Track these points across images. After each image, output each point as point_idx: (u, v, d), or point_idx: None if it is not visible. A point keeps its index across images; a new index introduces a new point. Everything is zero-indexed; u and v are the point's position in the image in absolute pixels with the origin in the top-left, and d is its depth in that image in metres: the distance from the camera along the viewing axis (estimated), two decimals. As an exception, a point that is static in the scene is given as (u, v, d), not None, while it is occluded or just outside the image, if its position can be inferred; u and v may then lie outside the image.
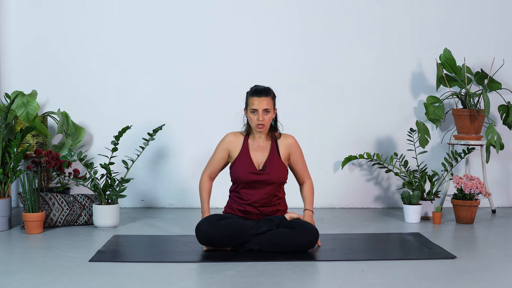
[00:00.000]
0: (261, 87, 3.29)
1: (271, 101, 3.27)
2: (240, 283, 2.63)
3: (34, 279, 2.69)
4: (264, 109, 3.23)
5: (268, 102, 3.24)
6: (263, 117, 3.23)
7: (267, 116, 3.25)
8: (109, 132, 4.51)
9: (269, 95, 3.26)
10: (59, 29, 4.69)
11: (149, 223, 4.09)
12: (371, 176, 4.81)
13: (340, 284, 2.64)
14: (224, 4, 4.72)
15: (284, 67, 4.70)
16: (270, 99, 3.26)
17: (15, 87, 4.61)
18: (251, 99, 3.26)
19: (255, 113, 3.24)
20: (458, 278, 2.74)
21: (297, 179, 3.49)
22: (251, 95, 3.27)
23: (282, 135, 3.39)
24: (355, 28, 4.77)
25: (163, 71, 4.71)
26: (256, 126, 3.26)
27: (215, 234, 3.13)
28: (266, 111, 3.24)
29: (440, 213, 4.08)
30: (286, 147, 3.37)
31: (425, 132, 4.48)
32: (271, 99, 3.27)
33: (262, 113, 3.23)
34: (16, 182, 4.66)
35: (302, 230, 3.18)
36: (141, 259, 3.07)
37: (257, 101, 3.23)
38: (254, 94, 3.26)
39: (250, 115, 3.27)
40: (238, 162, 3.32)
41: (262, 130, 3.28)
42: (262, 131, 3.29)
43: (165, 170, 4.74)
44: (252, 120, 3.27)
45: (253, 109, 3.24)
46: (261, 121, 3.23)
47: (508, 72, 4.76)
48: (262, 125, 3.25)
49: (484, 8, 4.82)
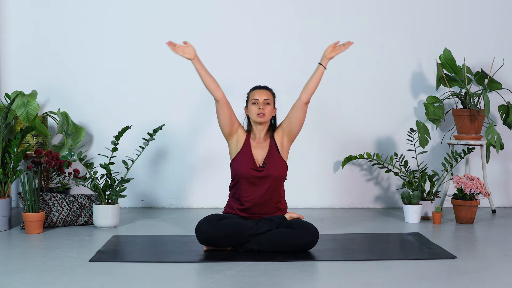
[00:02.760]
0: (262, 85, 3.45)
1: (271, 95, 3.39)
2: (240, 283, 2.64)
3: (34, 279, 2.69)
4: (265, 99, 3.33)
5: (268, 95, 3.36)
6: (264, 106, 3.31)
7: (268, 108, 3.32)
8: (109, 132, 4.51)
9: (269, 90, 3.41)
10: (59, 29, 4.69)
11: (149, 223, 4.09)
12: (371, 176, 4.81)
13: (340, 284, 2.64)
14: (223, 4, 4.72)
15: (284, 67, 4.70)
16: (270, 93, 3.39)
17: (15, 87, 4.61)
18: (252, 92, 3.38)
19: (256, 103, 3.32)
20: (458, 278, 2.74)
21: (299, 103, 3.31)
22: (252, 89, 3.41)
23: (275, 130, 3.43)
24: (355, 28, 4.77)
25: (163, 71, 4.71)
26: (257, 116, 3.31)
27: (215, 234, 3.14)
28: (267, 102, 3.33)
29: (440, 213, 4.08)
30: (279, 134, 3.39)
31: (425, 132, 4.48)
32: (271, 94, 3.40)
33: (263, 102, 3.32)
34: (16, 182, 4.66)
35: (302, 230, 3.18)
36: (141, 259, 3.07)
37: (258, 92, 3.36)
38: (255, 88, 3.41)
39: (251, 106, 3.34)
40: (239, 157, 3.33)
41: (262, 120, 3.31)
42: (263, 120, 3.31)
43: (165, 170, 4.74)
44: (252, 112, 3.33)
45: (254, 99, 3.34)
46: (261, 109, 3.29)
47: (508, 72, 4.76)
48: (263, 114, 3.30)
49: (484, 8, 4.82)
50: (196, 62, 3.31)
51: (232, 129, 3.35)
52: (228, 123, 3.32)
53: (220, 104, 3.30)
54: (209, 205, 4.73)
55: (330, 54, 3.27)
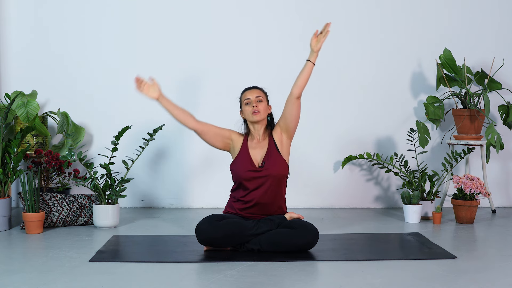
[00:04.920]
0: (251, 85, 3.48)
1: (263, 93, 3.41)
2: (240, 283, 2.64)
3: (34, 279, 2.69)
4: (256, 96, 3.35)
5: (259, 92, 3.38)
6: (257, 104, 3.33)
7: (261, 104, 3.34)
8: (109, 132, 4.51)
9: (259, 88, 3.42)
10: (59, 29, 4.70)
11: (149, 223, 4.09)
12: (371, 176, 4.81)
13: (340, 284, 2.64)
14: (224, 5, 4.72)
15: (284, 67, 4.70)
16: (261, 91, 3.41)
17: (15, 87, 4.61)
18: (243, 94, 3.42)
19: (249, 103, 3.34)
20: (458, 278, 2.74)
21: (291, 98, 3.28)
22: (242, 92, 3.45)
23: (273, 129, 3.43)
24: (355, 28, 4.77)
25: (163, 71, 4.70)
26: (252, 115, 3.32)
27: (215, 234, 3.14)
28: (259, 100, 3.34)
29: (440, 213, 4.08)
30: (277, 132, 3.39)
31: (425, 132, 4.48)
32: (262, 92, 3.41)
33: (255, 100, 3.34)
34: (16, 182, 4.66)
35: (302, 230, 3.18)
36: (141, 259, 3.07)
37: (249, 92, 3.39)
38: (245, 90, 3.44)
39: (245, 108, 3.36)
40: (238, 160, 3.33)
41: (258, 117, 3.32)
42: (259, 118, 3.32)
43: (165, 170, 4.74)
44: (247, 112, 3.35)
45: (246, 99, 3.36)
46: (255, 107, 3.31)
47: (508, 72, 4.76)
48: (257, 111, 3.31)
49: (484, 8, 4.82)
50: (162, 100, 3.34)
51: (224, 144, 3.39)
52: (217, 141, 3.37)
53: (199, 132, 3.35)
54: (209, 205, 4.73)
55: (316, 46, 3.26)
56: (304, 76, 3.24)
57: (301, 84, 3.25)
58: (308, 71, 3.25)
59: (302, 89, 3.27)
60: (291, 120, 3.32)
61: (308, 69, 3.25)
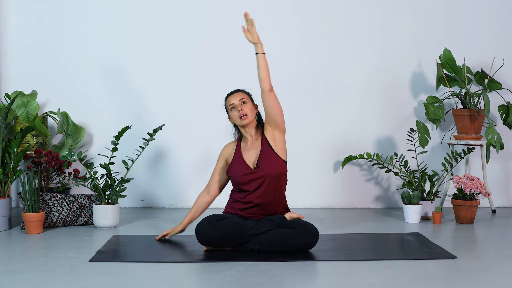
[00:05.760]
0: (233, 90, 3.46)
1: (245, 94, 3.41)
2: (240, 283, 2.63)
3: (34, 279, 2.69)
4: (240, 99, 3.34)
5: (242, 94, 3.38)
6: (242, 107, 3.32)
7: (246, 106, 3.34)
8: (109, 132, 4.51)
9: (240, 90, 3.42)
10: (59, 29, 4.70)
11: (149, 223, 4.09)
12: (371, 176, 4.81)
13: (340, 284, 2.64)
14: (224, 6, 4.72)
15: (285, 68, 4.70)
16: (243, 93, 3.41)
17: (15, 87, 4.61)
18: (227, 100, 3.42)
19: (234, 107, 3.35)
20: (458, 278, 2.74)
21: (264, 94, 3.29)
22: (225, 98, 3.44)
23: (264, 128, 3.41)
24: (355, 29, 4.77)
25: (163, 71, 4.71)
26: (240, 120, 3.32)
27: (215, 234, 3.14)
28: (243, 101, 3.34)
29: (440, 213, 4.08)
30: (268, 130, 3.37)
31: (425, 132, 4.48)
32: (245, 93, 3.41)
33: (240, 103, 3.34)
34: (16, 182, 4.66)
35: (302, 230, 3.18)
36: (141, 259, 3.07)
37: (232, 97, 3.39)
38: (228, 95, 3.43)
39: (232, 113, 3.37)
40: (233, 166, 3.36)
41: (247, 121, 3.32)
42: (247, 121, 3.32)
43: (165, 170, 4.74)
44: (235, 117, 3.35)
45: (231, 104, 3.36)
46: (241, 111, 3.31)
47: (508, 72, 4.76)
48: (245, 115, 3.31)
49: (484, 8, 4.82)
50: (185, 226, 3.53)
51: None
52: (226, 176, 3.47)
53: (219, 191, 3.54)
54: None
55: (253, 38, 3.25)
56: (262, 68, 3.25)
57: (264, 76, 3.24)
58: (263, 62, 3.25)
59: (269, 80, 3.26)
60: (275, 114, 3.31)
61: (262, 61, 3.25)
